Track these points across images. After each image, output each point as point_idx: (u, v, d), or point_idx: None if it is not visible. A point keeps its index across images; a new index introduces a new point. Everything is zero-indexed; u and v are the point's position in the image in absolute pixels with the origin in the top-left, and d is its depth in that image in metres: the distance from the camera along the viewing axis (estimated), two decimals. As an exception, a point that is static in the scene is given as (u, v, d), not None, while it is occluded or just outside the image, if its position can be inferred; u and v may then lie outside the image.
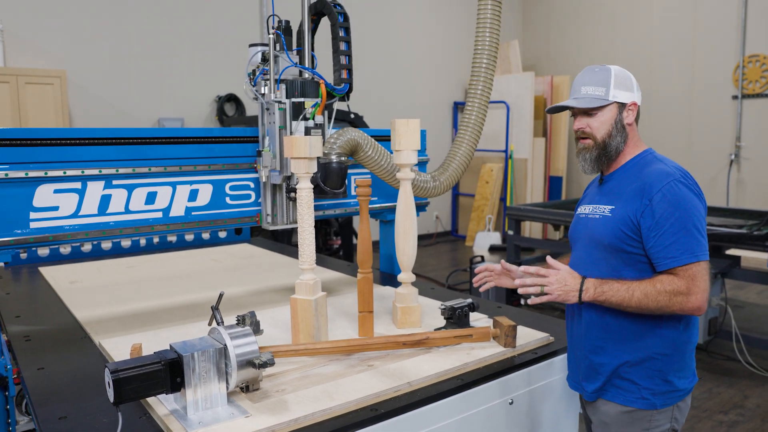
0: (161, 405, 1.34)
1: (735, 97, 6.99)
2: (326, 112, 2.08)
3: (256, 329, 1.43)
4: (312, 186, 1.65)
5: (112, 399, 1.20)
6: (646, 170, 1.52)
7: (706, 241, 1.45)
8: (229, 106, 6.53)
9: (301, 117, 2.00)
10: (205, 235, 3.44)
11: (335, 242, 5.94)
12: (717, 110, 7.15)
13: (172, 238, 3.32)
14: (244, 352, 1.33)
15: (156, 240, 3.28)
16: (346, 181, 2.09)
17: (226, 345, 1.32)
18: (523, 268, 1.51)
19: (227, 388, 1.33)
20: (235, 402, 1.35)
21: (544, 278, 1.48)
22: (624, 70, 1.58)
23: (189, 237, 3.38)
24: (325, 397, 1.38)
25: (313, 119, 2.01)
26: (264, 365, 1.32)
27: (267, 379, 1.47)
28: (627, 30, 7.89)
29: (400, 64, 8.03)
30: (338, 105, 2.20)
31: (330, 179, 1.96)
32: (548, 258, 1.53)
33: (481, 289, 1.79)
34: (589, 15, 8.34)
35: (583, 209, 1.67)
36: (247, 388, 1.40)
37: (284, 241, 5.06)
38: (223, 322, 1.39)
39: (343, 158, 1.98)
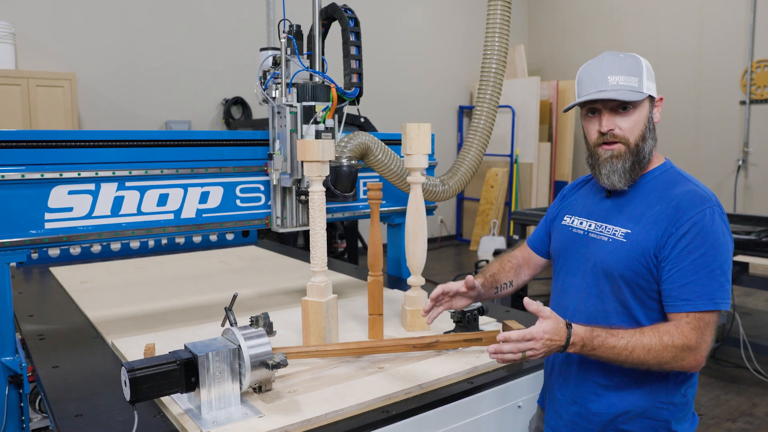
0: (175, 404, 1.35)
1: (743, 103, 6.98)
2: (336, 116, 2.10)
3: (269, 330, 1.44)
4: (324, 189, 1.66)
5: (128, 397, 1.21)
6: (676, 191, 1.26)
7: (730, 287, 1.20)
8: (235, 109, 6.57)
9: (311, 120, 2.02)
10: (213, 237, 3.46)
11: (340, 245, 5.96)
12: (724, 115, 7.13)
13: (181, 240, 3.35)
14: (257, 353, 1.34)
15: (165, 241, 3.31)
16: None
17: (240, 345, 1.33)
18: (503, 335, 1.18)
19: (240, 388, 1.35)
20: (248, 402, 1.37)
21: (528, 342, 1.16)
22: (647, 61, 1.34)
23: (197, 239, 3.40)
24: (337, 399, 1.39)
25: (324, 123, 2.03)
26: (277, 366, 1.34)
27: (279, 380, 1.48)
28: (633, 34, 7.89)
29: (406, 68, 8.06)
30: (348, 109, 2.22)
31: (340, 182, 1.97)
32: (526, 300, 1.18)
33: (429, 322, 1.54)
34: (596, 19, 8.35)
35: (578, 222, 1.39)
36: (260, 388, 1.41)
37: (291, 244, 5.09)
38: (236, 322, 1.41)
39: (353, 162, 2.00)
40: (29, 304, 2.29)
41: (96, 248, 3.11)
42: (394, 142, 2.31)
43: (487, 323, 1.90)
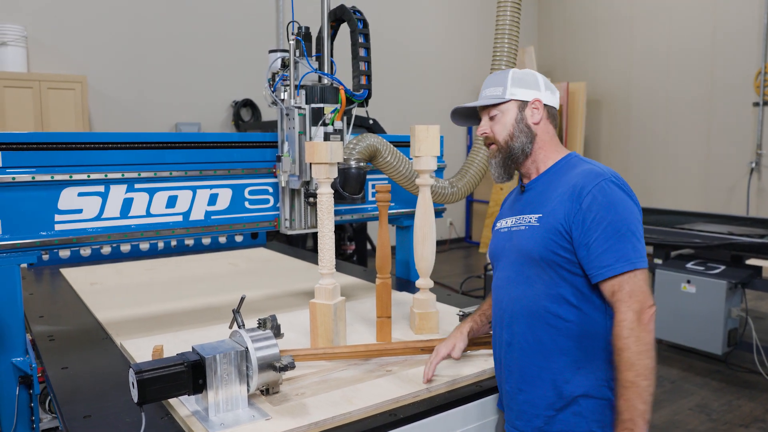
0: (183, 406, 1.35)
1: (756, 104, 6.89)
2: (345, 118, 2.09)
3: (277, 333, 1.44)
4: (332, 191, 1.66)
5: (135, 399, 1.21)
6: (573, 172, 1.37)
7: (643, 246, 1.28)
8: (245, 111, 6.59)
9: (320, 122, 2.02)
10: (222, 239, 3.47)
11: (349, 247, 5.96)
12: (737, 117, 7.04)
13: (189, 242, 3.34)
14: (265, 355, 1.34)
15: (174, 243, 3.32)
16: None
17: (247, 348, 1.33)
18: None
19: (248, 390, 1.34)
20: (256, 405, 1.36)
21: None
22: (530, 70, 1.48)
23: (206, 241, 3.41)
24: (345, 402, 1.38)
25: (333, 125, 2.03)
26: (285, 368, 1.33)
27: (286, 383, 1.47)
28: (645, 35, 7.82)
29: (414, 70, 8.05)
30: (357, 111, 2.22)
31: (349, 184, 1.97)
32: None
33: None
34: (607, 21, 8.30)
35: (504, 223, 1.48)
36: (268, 391, 1.41)
37: (299, 246, 5.09)
38: (244, 325, 1.41)
39: (362, 164, 1.99)
40: (40, 305, 2.31)
41: (106, 250, 3.13)
42: (402, 144, 2.31)
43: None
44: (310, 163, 1.97)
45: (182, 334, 1.88)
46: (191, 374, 1.27)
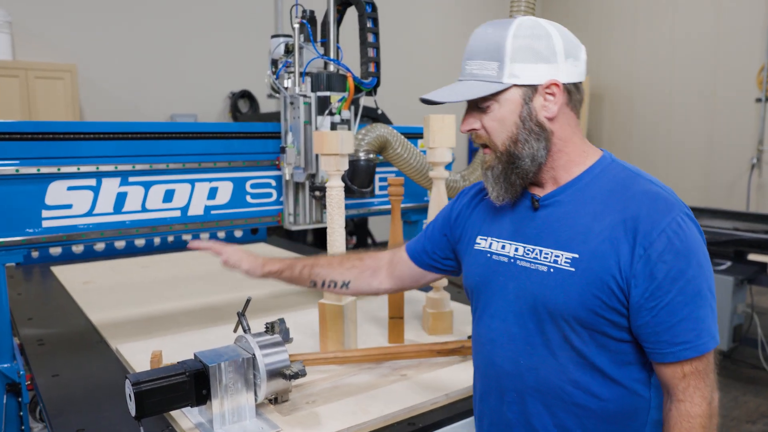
0: (185, 418, 1.24)
1: (758, 100, 6.83)
2: (353, 107, 1.98)
3: (286, 337, 1.33)
4: (343, 185, 1.55)
5: (133, 412, 1.11)
6: (629, 192, 0.94)
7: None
8: (242, 102, 6.45)
9: (326, 112, 1.91)
10: (221, 234, 3.35)
11: (350, 242, 5.86)
12: (739, 113, 6.98)
13: (187, 237, 3.24)
14: (274, 362, 1.24)
15: (170, 239, 3.20)
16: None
17: (254, 354, 1.23)
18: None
19: (255, 400, 1.24)
20: (264, 415, 1.26)
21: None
22: (540, 25, 0.96)
23: (204, 236, 3.29)
24: (360, 411, 1.29)
25: (340, 114, 1.91)
26: (295, 376, 1.23)
27: (296, 389, 1.37)
28: (648, 30, 7.73)
29: (423, 58, 7.89)
30: (363, 101, 2.10)
31: (358, 177, 1.86)
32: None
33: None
34: (610, 14, 8.20)
35: (499, 246, 1.04)
36: (276, 399, 1.30)
37: (301, 241, 4.98)
38: (250, 329, 1.30)
39: (371, 156, 1.88)
40: (29, 306, 2.19)
41: (99, 246, 3.01)
42: (412, 135, 2.20)
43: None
44: (318, 155, 1.87)
45: (181, 337, 1.77)
46: (194, 384, 1.17)
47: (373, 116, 2.22)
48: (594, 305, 0.92)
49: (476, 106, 1.00)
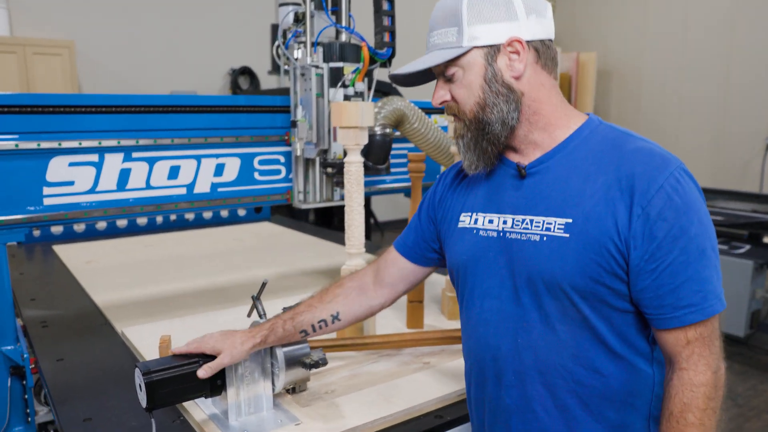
0: (198, 408, 1.17)
1: (773, 79, 6.66)
2: (366, 79, 1.87)
3: (304, 323, 1.25)
4: (362, 160, 1.45)
5: (144, 404, 1.03)
6: (622, 150, 0.90)
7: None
8: (243, 79, 6.30)
9: (339, 84, 1.80)
10: (224, 213, 3.26)
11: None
12: (754, 91, 6.81)
13: (190, 216, 3.16)
14: (293, 350, 1.16)
15: (173, 217, 3.12)
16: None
17: (272, 342, 1.15)
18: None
19: (273, 390, 1.17)
20: (282, 406, 1.19)
21: None
22: None
23: (207, 215, 3.21)
24: (383, 401, 1.21)
25: (353, 86, 1.81)
26: (316, 365, 1.16)
27: (314, 378, 1.30)
28: (660, 4, 7.51)
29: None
30: (377, 74, 1.99)
31: (373, 153, 1.76)
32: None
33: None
34: (617, -12, 7.96)
35: (486, 221, 0.99)
36: (294, 389, 1.23)
37: (304, 219, 4.90)
38: (266, 314, 1.22)
39: (387, 130, 1.78)
40: (31, 286, 2.12)
41: (101, 225, 2.93)
42: (427, 110, 2.09)
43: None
44: (333, 129, 1.77)
45: (189, 319, 1.70)
46: (208, 373, 1.09)
47: (384, 90, 2.11)
48: (592, 271, 0.87)
49: (444, 77, 0.98)
